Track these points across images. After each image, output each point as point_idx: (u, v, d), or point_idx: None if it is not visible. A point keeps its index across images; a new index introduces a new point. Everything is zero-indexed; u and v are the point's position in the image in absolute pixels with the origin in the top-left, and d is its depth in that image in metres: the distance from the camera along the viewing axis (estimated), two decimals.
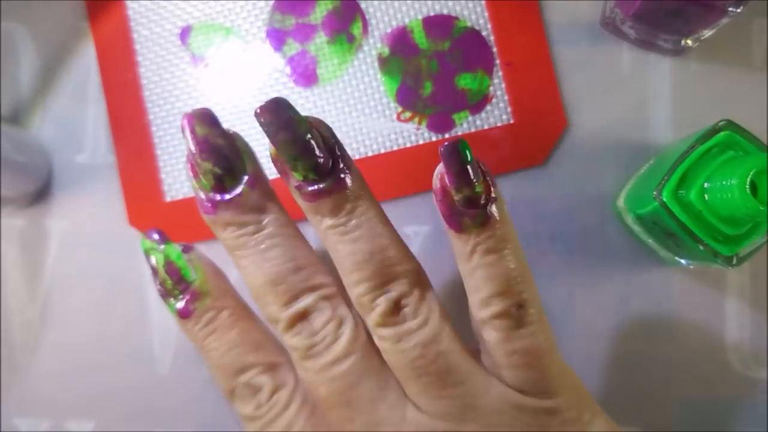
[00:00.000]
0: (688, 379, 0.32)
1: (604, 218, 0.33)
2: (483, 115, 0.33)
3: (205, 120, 0.25)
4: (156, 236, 0.28)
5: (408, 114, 0.33)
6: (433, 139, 0.33)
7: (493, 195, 0.25)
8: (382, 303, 0.25)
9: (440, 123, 0.33)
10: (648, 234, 0.30)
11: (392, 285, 0.25)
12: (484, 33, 0.33)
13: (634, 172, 0.32)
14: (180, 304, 0.27)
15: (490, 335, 0.26)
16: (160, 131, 0.34)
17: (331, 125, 0.33)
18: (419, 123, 0.33)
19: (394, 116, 0.33)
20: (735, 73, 0.33)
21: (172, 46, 0.34)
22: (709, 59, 0.33)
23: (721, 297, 0.32)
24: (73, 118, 0.34)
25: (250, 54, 0.34)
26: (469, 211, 0.25)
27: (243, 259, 0.26)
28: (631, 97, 0.33)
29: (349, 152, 0.33)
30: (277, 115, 0.24)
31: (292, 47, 0.34)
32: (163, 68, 0.34)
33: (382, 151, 0.33)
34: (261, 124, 0.24)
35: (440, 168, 0.25)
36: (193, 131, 0.25)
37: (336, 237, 0.25)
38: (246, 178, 0.26)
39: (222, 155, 0.25)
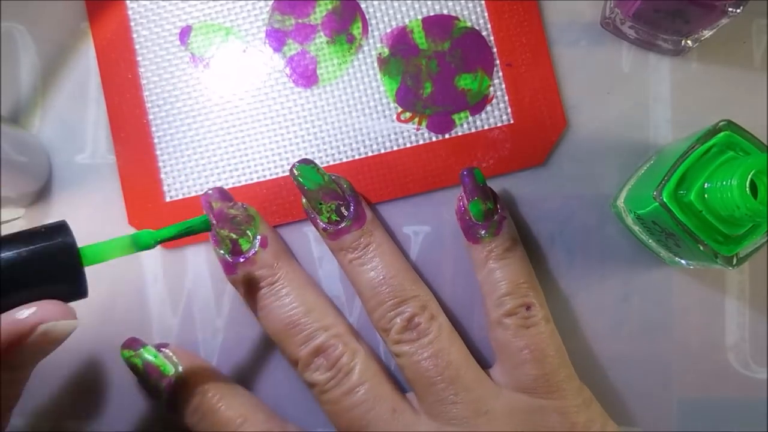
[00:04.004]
0: (688, 379, 0.32)
1: (604, 218, 0.33)
2: (483, 115, 0.33)
3: (217, 196, 0.31)
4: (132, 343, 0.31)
5: (408, 114, 0.33)
6: (433, 139, 0.33)
7: (502, 213, 0.30)
8: (398, 321, 0.29)
9: (440, 123, 0.33)
10: (648, 234, 0.30)
11: (405, 306, 0.29)
12: (484, 33, 0.33)
13: (634, 172, 0.32)
14: (165, 399, 0.30)
15: (503, 334, 0.29)
16: (160, 131, 0.34)
17: (330, 125, 0.34)
18: (419, 123, 0.33)
19: (394, 116, 0.33)
20: (735, 73, 0.33)
21: (172, 46, 0.34)
22: (709, 59, 0.33)
23: (721, 297, 0.32)
24: (73, 118, 0.34)
25: (250, 54, 0.34)
26: (481, 224, 0.30)
27: (261, 310, 0.30)
28: (631, 97, 0.33)
29: (349, 152, 0.33)
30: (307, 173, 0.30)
31: (292, 47, 0.34)
32: (163, 68, 0.34)
33: (382, 151, 0.33)
34: (293, 177, 0.30)
35: (460, 191, 0.30)
36: (209, 207, 0.30)
37: (357, 269, 0.30)
38: (258, 240, 0.30)
39: (235, 222, 0.30)
